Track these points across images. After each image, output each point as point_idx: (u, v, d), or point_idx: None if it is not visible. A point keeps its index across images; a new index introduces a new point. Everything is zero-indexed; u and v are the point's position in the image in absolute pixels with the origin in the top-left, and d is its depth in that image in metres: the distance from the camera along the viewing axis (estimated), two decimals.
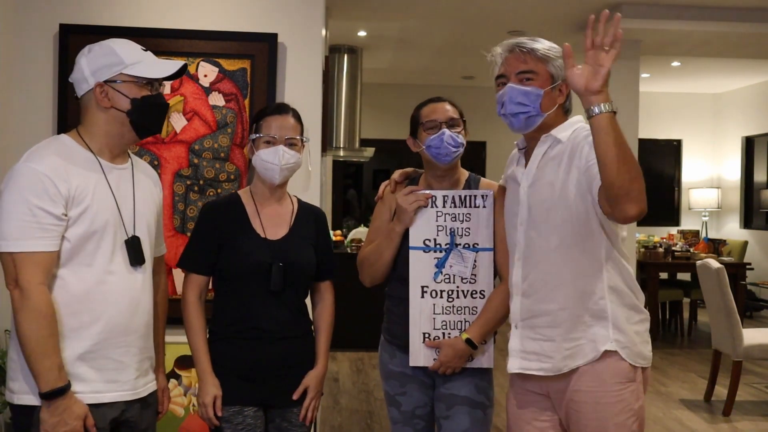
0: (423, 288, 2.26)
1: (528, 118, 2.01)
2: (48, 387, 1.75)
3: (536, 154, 2.05)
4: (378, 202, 2.50)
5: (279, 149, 2.21)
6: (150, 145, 3.21)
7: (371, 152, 7.29)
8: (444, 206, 2.27)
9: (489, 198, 2.28)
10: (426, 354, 2.26)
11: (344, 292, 7.03)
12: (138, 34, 3.17)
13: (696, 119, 9.98)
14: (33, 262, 1.76)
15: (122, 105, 1.90)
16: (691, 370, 6.10)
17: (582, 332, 1.95)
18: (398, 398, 2.36)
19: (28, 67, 3.17)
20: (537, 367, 2.01)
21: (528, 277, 2.02)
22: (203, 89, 3.23)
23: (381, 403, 5.06)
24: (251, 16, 3.29)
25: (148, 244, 2.00)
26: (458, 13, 6.18)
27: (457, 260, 2.26)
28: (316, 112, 3.34)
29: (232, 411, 2.16)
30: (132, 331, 1.92)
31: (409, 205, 2.24)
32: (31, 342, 1.74)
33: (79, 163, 1.86)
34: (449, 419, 2.30)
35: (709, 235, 9.32)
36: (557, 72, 2.01)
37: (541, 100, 1.99)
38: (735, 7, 5.92)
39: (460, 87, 9.60)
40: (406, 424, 2.36)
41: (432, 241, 2.27)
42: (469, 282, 2.26)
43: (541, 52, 2.00)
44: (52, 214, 1.77)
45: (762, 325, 8.22)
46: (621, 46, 1.76)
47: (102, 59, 1.90)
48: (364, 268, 2.40)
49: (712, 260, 5.14)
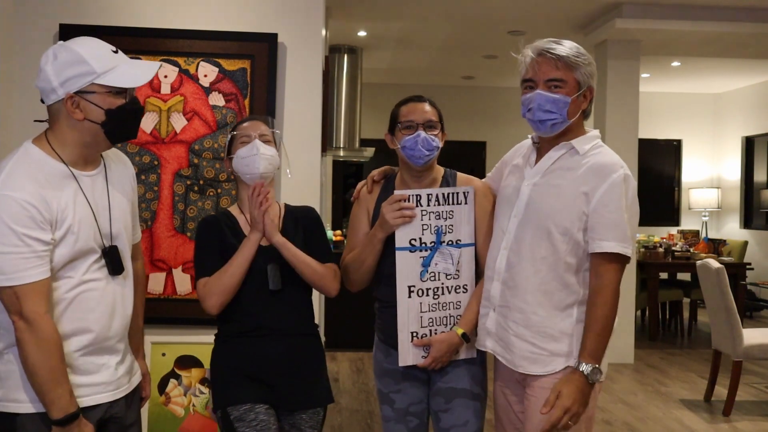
0: (410, 288, 2.27)
1: (554, 124, 2.05)
2: (62, 413, 1.75)
3: (550, 156, 2.10)
4: (354, 203, 2.49)
5: (255, 142, 2.24)
6: (150, 145, 3.21)
7: (371, 152, 7.29)
8: (429, 205, 2.27)
9: (470, 194, 2.31)
10: (414, 353, 2.28)
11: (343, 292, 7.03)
12: (138, 34, 3.18)
13: (696, 119, 9.98)
14: (35, 292, 1.73)
15: (96, 117, 1.80)
16: (691, 370, 6.10)
17: (546, 344, 2.04)
18: (392, 396, 2.37)
19: (28, 67, 3.16)
20: (501, 354, 2.13)
21: (511, 270, 2.09)
22: (203, 89, 3.23)
23: None
24: (251, 16, 3.29)
25: (126, 248, 1.98)
26: (458, 13, 6.18)
27: (443, 258, 2.28)
28: (316, 112, 3.34)
29: (243, 409, 2.16)
30: (112, 336, 1.92)
31: (394, 221, 2.22)
32: (44, 372, 1.73)
33: (54, 181, 1.79)
34: (449, 412, 2.32)
35: (709, 235, 9.32)
36: (584, 78, 2.05)
37: (568, 107, 2.03)
38: (735, 7, 5.92)
39: (460, 87, 9.61)
40: (399, 421, 2.37)
41: (418, 241, 2.27)
42: (453, 278, 2.29)
43: (572, 59, 2.02)
44: (42, 241, 1.74)
45: (762, 325, 8.23)
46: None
47: (71, 69, 1.76)
48: (349, 276, 2.39)
49: (712, 260, 5.14)
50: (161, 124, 3.22)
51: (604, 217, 1.98)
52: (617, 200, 1.98)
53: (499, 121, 9.52)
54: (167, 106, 3.22)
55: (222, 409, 2.20)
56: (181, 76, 3.22)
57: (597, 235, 1.99)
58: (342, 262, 2.42)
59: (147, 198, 3.19)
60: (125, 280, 1.97)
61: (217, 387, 2.25)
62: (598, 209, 1.98)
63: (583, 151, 2.05)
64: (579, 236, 2.02)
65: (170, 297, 3.19)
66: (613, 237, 1.97)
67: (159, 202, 3.21)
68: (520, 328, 2.07)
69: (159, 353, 3.11)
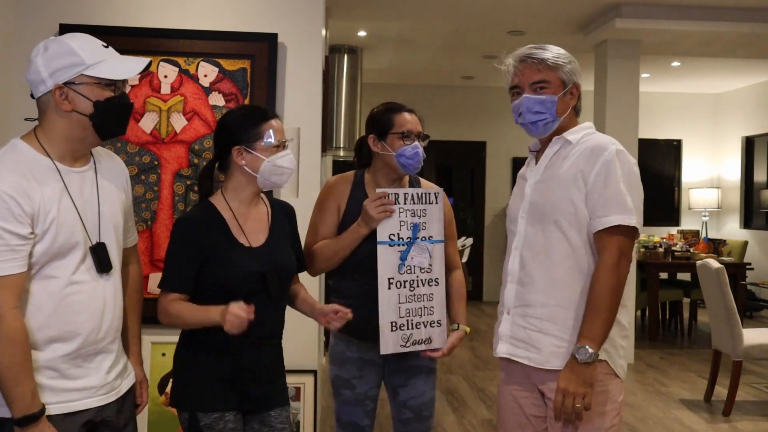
0: (389, 279, 2.43)
1: (545, 124, 2.12)
2: (22, 413, 1.71)
3: (547, 153, 2.16)
4: (325, 192, 2.61)
5: (290, 154, 2.18)
6: (150, 145, 3.21)
7: None
8: (405, 203, 2.46)
9: (440, 195, 2.53)
10: (394, 341, 2.43)
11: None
12: (138, 34, 3.18)
13: (696, 119, 9.98)
14: (4, 286, 1.69)
15: (84, 108, 1.79)
16: (691, 370, 6.10)
17: (574, 335, 2.01)
18: (354, 381, 2.56)
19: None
20: (524, 356, 2.10)
21: (525, 267, 2.11)
22: (203, 89, 3.23)
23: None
24: (251, 16, 3.29)
25: (115, 246, 1.93)
26: (458, 13, 6.18)
27: (418, 252, 2.47)
28: (316, 112, 3.34)
29: (213, 417, 2.11)
30: (101, 338, 1.87)
31: (378, 215, 2.39)
32: (4, 369, 1.68)
33: (38, 175, 1.76)
34: (408, 386, 2.58)
35: (709, 235, 9.32)
36: (567, 77, 2.12)
37: (556, 106, 2.10)
38: (735, 7, 5.92)
39: (460, 87, 9.61)
40: (359, 404, 2.58)
41: (396, 236, 2.44)
42: (426, 271, 2.48)
43: (551, 60, 2.10)
44: (19, 235, 1.70)
45: (762, 325, 8.22)
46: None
47: (60, 59, 1.77)
48: (317, 262, 2.52)
49: (712, 260, 5.14)
50: (161, 124, 3.22)
51: (601, 193, 2.00)
52: (612, 174, 2.00)
53: (499, 121, 9.52)
54: (167, 106, 3.22)
55: (190, 413, 2.13)
56: (181, 76, 3.22)
57: (597, 213, 2.00)
58: (306, 244, 2.55)
59: (147, 198, 3.20)
60: (114, 279, 1.92)
61: (185, 387, 2.17)
62: (595, 187, 2.01)
63: (575, 141, 2.12)
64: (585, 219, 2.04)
65: None
66: (613, 210, 1.98)
67: (159, 202, 3.21)
68: (545, 324, 2.06)
69: (159, 353, 3.12)
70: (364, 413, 2.60)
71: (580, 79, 2.16)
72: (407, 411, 2.60)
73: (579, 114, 2.20)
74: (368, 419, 2.62)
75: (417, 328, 2.46)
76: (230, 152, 2.17)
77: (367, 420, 2.61)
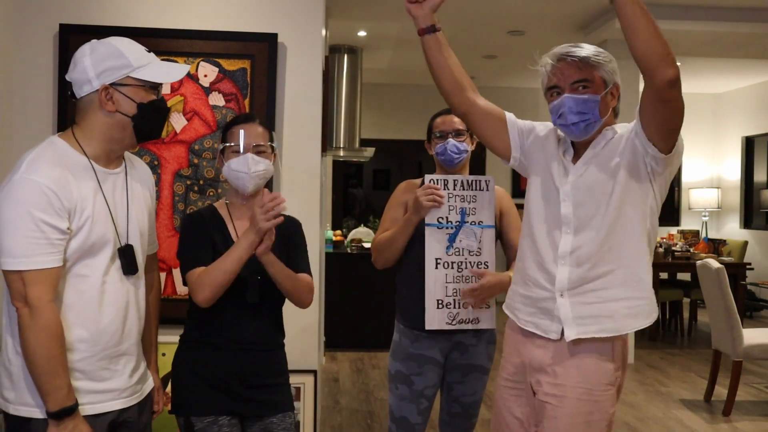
0: (437, 260, 2.57)
1: (587, 125, 2.04)
2: (57, 406, 1.73)
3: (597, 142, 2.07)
4: (396, 192, 2.81)
5: (248, 157, 2.17)
6: (150, 145, 3.21)
7: (371, 152, 7.29)
8: (454, 189, 2.61)
9: (491, 182, 2.65)
10: (440, 318, 2.57)
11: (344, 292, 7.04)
12: (138, 34, 3.16)
13: (696, 119, 9.98)
14: (42, 280, 1.71)
15: (128, 109, 1.84)
16: (691, 370, 6.10)
17: (640, 290, 2.01)
18: (413, 378, 2.65)
19: (28, 67, 3.17)
20: (596, 329, 2.00)
21: (580, 248, 2.03)
22: (203, 89, 3.23)
23: (381, 403, 5.06)
24: (251, 16, 3.29)
25: (141, 250, 1.97)
26: (458, 13, 6.18)
27: (466, 235, 2.59)
28: (316, 112, 3.34)
29: (207, 421, 2.14)
30: (125, 340, 1.90)
31: (426, 202, 2.54)
32: (42, 361, 1.71)
33: (76, 171, 1.80)
34: (463, 384, 2.69)
35: (709, 235, 9.32)
36: (608, 76, 2.04)
37: (599, 106, 2.02)
38: (735, 7, 5.93)
39: None
40: (413, 401, 2.65)
41: (444, 219, 2.59)
42: (475, 255, 2.60)
43: (593, 59, 2.02)
44: (58, 229, 1.73)
45: (762, 325, 8.22)
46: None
47: (109, 61, 1.82)
48: (380, 253, 2.72)
49: (712, 260, 5.14)
50: None
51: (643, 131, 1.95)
52: None
53: None
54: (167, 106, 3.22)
55: (185, 417, 2.18)
56: None
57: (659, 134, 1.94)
58: (374, 241, 2.77)
59: None
60: (138, 281, 1.97)
61: (179, 392, 2.22)
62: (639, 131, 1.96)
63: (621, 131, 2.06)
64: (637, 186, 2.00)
65: (170, 297, 3.19)
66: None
67: (159, 202, 3.20)
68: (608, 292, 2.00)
69: (159, 353, 3.11)
70: (417, 411, 2.66)
71: (619, 78, 2.09)
72: (457, 406, 2.73)
73: (617, 116, 2.13)
74: (421, 417, 2.68)
75: (464, 308, 2.58)
76: None
77: (420, 418, 2.67)
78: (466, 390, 2.70)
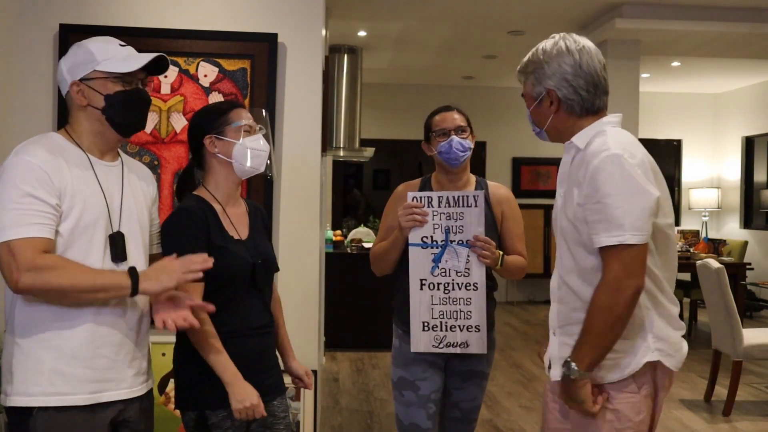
0: (422, 281, 2.50)
1: (540, 134, 2.05)
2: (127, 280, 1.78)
3: (564, 162, 1.99)
4: (392, 199, 2.72)
5: (260, 136, 2.19)
6: (150, 145, 3.21)
7: (371, 152, 7.29)
8: (439, 206, 2.48)
9: (480, 198, 2.48)
10: (426, 340, 2.50)
11: (344, 292, 7.03)
12: (138, 34, 3.17)
13: (696, 119, 9.99)
14: (31, 247, 1.70)
15: (97, 102, 1.88)
16: (691, 370, 6.10)
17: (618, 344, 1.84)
18: (419, 383, 2.59)
19: (28, 67, 3.17)
20: None
21: (561, 287, 1.96)
22: (203, 89, 3.23)
23: (381, 403, 5.05)
24: (251, 16, 3.29)
25: (135, 240, 1.95)
26: (458, 13, 6.19)
27: (452, 255, 2.48)
28: (316, 112, 3.34)
29: (222, 416, 2.12)
30: (123, 329, 1.90)
31: (405, 224, 2.48)
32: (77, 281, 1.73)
33: (69, 158, 1.84)
34: (462, 389, 2.65)
35: (709, 235, 9.32)
36: (533, 88, 1.98)
37: (535, 119, 2.01)
38: (735, 7, 5.93)
39: (460, 87, 9.60)
40: (421, 406, 2.58)
41: (429, 238, 2.49)
42: (463, 275, 2.49)
43: (519, 76, 2.02)
44: (46, 203, 1.74)
45: (762, 325, 8.22)
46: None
47: (76, 58, 1.90)
48: (375, 264, 2.70)
49: (712, 260, 5.14)
50: (161, 124, 3.22)
51: (590, 209, 1.81)
52: (601, 187, 1.78)
53: (499, 121, 9.52)
54: (167, 106, 3.22)
55: (199, 411, 2.13)
56: (181, 76, 3.22)
57: (591, 230, 1.82)
58: (372, 249, 2.73)
59: None
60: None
61: (190, 387, 2.17)
62: (586, 203, 1.81)
63: (582, 146, 1.91)
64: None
65: None
66: (601, 229, 1.78)
67: (159, 202, 3.20)
68: None
69: (159, 353, 3.11)
70: (427, 416, 2.59)
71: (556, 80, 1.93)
72: (457, 411, 2.69)
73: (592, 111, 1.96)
74: (431, 422, 2.61)
75: (452, 331, 2.49)
76: (203, 145, 2.19)
77: (430, 423, 2.60)
78: (465, 396, 2.67)
